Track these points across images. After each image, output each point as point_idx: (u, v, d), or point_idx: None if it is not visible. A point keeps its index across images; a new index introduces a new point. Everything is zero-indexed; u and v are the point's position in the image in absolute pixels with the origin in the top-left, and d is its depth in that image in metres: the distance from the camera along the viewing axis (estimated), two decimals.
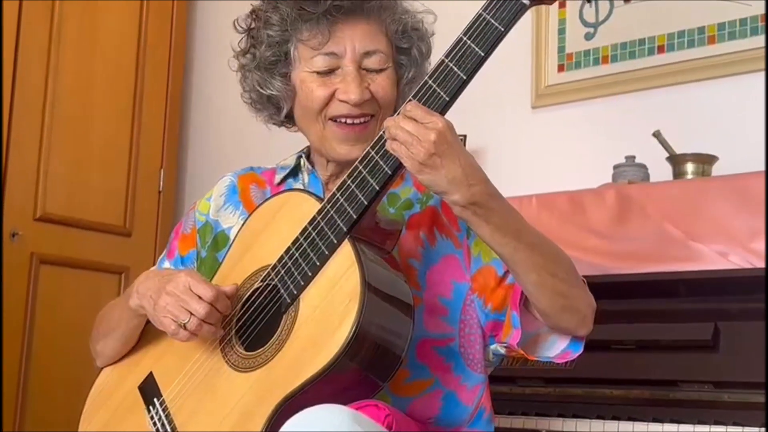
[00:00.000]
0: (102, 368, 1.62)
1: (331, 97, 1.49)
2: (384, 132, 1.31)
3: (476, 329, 1.48)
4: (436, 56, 1.37)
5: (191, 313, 1.36)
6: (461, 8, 1.35)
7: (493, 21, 1.27)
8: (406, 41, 1.53)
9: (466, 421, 1.48)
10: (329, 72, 1.49)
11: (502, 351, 1.48)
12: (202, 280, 1.39)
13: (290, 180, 1.60)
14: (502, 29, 1.27)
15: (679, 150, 2.35)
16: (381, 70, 1.49)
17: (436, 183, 1.27)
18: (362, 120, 1.49)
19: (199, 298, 1.36)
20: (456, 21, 1.35)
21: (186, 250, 1.63)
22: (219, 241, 1.59)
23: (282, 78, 1.54)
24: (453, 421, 1.47)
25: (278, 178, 1.61)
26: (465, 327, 1.48)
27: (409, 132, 1.26)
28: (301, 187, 1.56)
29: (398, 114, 1.29)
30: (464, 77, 1.28)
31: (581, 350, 1.44)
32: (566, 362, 1.46)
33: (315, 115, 1.50)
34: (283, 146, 2.18)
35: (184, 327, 1.36)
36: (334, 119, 1.49)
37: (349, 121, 1.49)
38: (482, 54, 1.27)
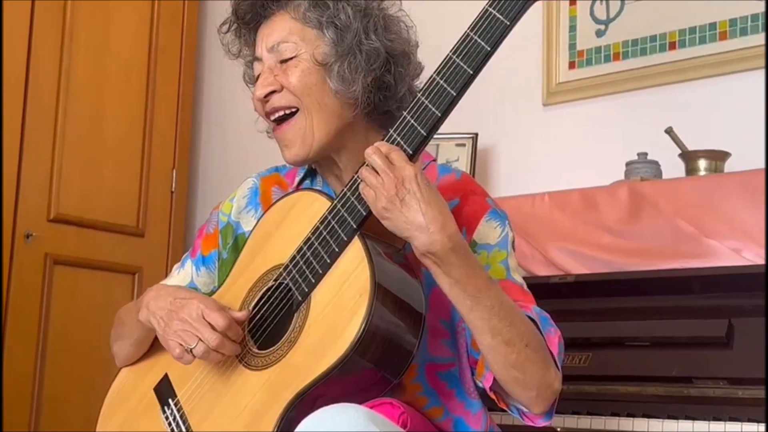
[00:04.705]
0: (120, 368, 1.63)
1: None
2: (390, 132, 1.32)
3: (466, 357, 1.45)
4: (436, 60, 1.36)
5: (200, 340, 1.37)
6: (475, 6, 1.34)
7: (498, 15, 1.27)
8: (312, 21, 1.48)
9: None
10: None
11: (481, 387, 1.43)
12: (215, 308, 1.39)
13: (307, 181, 1.61)
14: (508, 23, 1.27)
15: (691, 146, 2.35)
16: (290, 59, 1.48)
17: (397, 226, 1.28)
18: (282, 114, 1.49)
19: (212, 327, 1.37)
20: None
21: (208, 250, 1.63)
22: (239, 243, 1.59)
23: None
24: None
25: (297, 179, 1.61)
26: (461, 355, 1.45)
27: (376, 176, 1.28)
28: (317, 188, 1.55)
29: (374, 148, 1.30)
30: (471, 72, 1.28)
31: (549, 420, 1.38)
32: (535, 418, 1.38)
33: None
34: None
35: (191, 352, 1.37)
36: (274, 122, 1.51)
37: (275, 118, 1.50)
38: (488, 49, 1.27)
